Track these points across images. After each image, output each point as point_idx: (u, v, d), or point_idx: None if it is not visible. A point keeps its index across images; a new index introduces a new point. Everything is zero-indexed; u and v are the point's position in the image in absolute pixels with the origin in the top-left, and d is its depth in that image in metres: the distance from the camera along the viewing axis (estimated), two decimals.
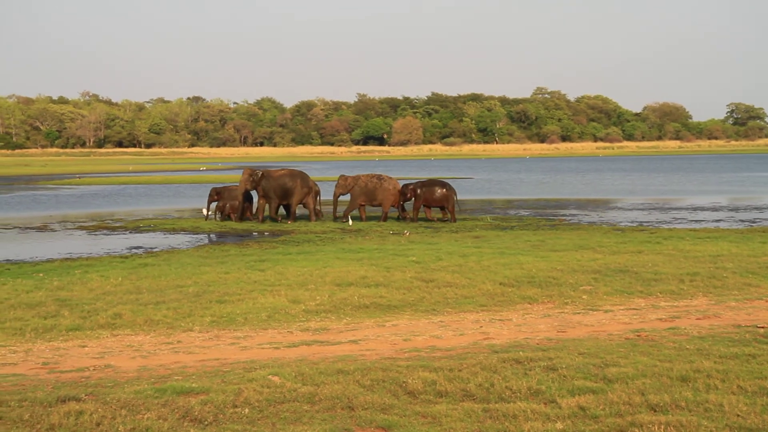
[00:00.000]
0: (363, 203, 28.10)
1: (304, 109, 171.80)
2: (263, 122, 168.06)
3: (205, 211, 29.40)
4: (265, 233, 24.89)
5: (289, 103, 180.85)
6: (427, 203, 27.67)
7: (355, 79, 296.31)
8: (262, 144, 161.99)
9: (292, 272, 15.50)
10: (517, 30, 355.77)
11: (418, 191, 27.42)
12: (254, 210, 28.87)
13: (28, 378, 8.54)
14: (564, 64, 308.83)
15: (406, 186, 27.75)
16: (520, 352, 8.96)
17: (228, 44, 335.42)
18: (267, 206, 28.37)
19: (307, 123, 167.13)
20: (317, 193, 28.39)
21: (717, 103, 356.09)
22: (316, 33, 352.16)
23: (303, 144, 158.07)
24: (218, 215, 29.02)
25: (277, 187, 27.66)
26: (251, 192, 28.85)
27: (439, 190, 27.38)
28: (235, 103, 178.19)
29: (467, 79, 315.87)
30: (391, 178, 28.54)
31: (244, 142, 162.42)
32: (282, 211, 29.00)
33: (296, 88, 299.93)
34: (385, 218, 27.85)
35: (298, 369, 8.31)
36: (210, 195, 29.53)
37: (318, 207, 28.34)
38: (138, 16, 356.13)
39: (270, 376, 7.97)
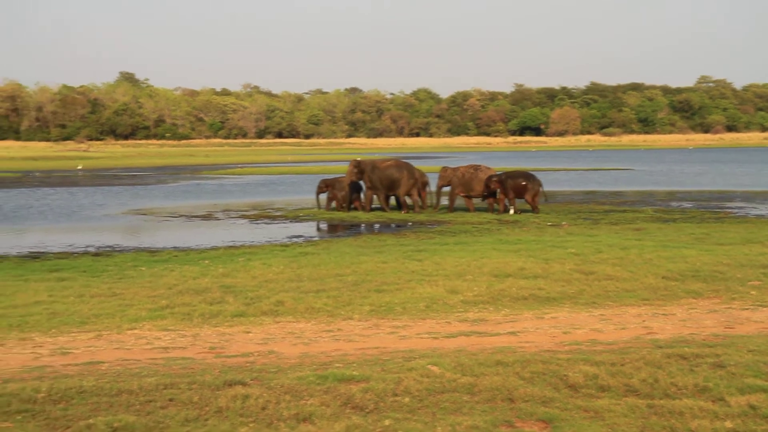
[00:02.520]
0: (461, 194, 28.38)
1: (460, 99, 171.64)
2: (419, 113, 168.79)
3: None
4: (422, 224, 24.98)
5: (445, 93, 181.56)
6: (512, 195, 27.44)
7: (511, 68, 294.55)
8: (418, 134, 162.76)
9: (450, 262, 15.50)
10: (681, 16, 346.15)
11: (503, 183, 27.21)
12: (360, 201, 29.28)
13: (196, 362, 8.82)
14: (730, 50, 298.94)
15: (490, 178, 27.50)
16: (686, 348, 8.70)
17: (385, 35, 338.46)
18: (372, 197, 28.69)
19: (463, 113, 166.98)
20: (425, 184, 28.58)
21: None
22: (471, 23, 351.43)
23: (459, 134, 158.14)
24: (330, 206, 29.41)
25: (383, 177, 27.93)
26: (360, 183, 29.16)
27: (523, 182, 27.12)
28: (391, 93, 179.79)
29: (627, 68, 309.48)
30: (488, 168, 28.62)
31: (400, 133, 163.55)
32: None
33: (452, 78, 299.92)
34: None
35: (458, 359, 8.30)
36: (319, 186, 29.90)
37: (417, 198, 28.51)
38: (296, 8, 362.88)
39: (429, 366, 7.98)
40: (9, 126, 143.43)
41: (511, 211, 26.98)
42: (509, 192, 27.17)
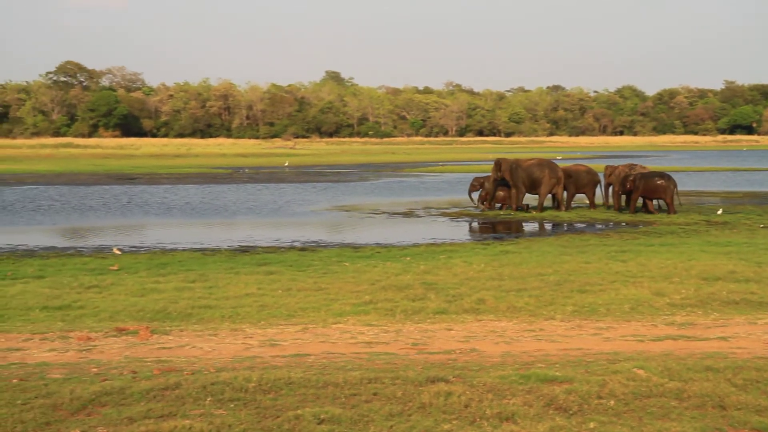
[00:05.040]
0: (619, 192, 28.00)
1: (666, 97, 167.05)
2: (623, 111, 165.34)
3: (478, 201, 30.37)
4: (623, 223, 24.52)
5: (650, 90, 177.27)
6: (646, 195, 26.95)
7: (722, 64, 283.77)
8: (621, 133, 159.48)
9: (655, 264, 15.11)
10: None
11: (637, 182, 26.72)
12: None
13: (399, 357, 8.93)
14: None
15: (626, 177, 27.14)
16: None
17: (587, 33, 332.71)
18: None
19: (670, 111, 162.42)
20: (596, 183, 29.10)
21: None
22: (678, 20, 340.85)
23: (664, 133, 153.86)
24: (480, 203, 29.82)
25: (525, 176, 28.16)
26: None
27: (658, 182, 26.60)
28: (595, 91, 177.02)
29: None
30: (644, 167, 28.72)
31: (603, 131, 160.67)
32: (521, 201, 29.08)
33: (659, 75, 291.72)
34: (633, 209, 27.24)
35: (665, 363, 8.07)
36: (472, 184, 30.80)
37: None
38: (498, 5, 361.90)
39: (635, 369, 7.80)
40: (221, 124, 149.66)
41: (718, 211, 26.20)
42: (642, 192, 26.90)
